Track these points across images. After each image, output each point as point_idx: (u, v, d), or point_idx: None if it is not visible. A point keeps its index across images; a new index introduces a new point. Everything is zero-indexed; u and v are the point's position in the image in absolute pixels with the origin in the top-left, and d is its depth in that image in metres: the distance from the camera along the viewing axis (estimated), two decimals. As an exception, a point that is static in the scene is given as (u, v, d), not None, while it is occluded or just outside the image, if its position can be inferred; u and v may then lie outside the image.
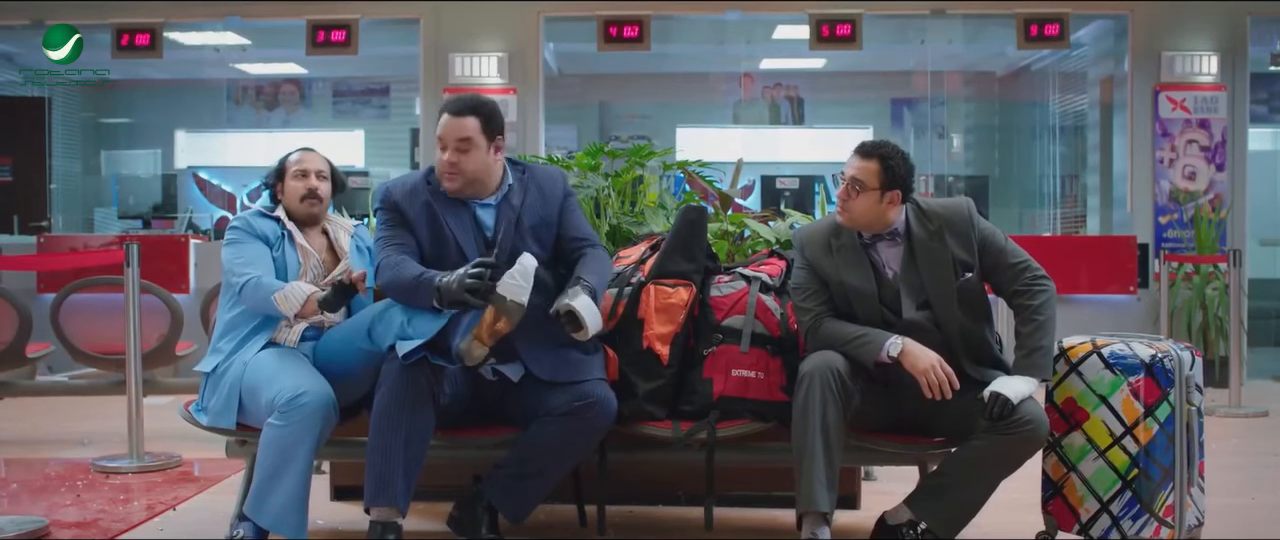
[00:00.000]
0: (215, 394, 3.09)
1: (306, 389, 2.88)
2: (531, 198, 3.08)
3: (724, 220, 3.93)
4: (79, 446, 4.72)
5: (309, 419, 2.86)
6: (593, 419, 2.91)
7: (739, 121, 9.89)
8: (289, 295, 3.04)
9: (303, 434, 2.86)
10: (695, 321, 3.13)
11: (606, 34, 7.44)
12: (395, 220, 3.05)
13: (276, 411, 2.87)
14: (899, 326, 2.97)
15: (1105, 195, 7.83)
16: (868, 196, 2.96)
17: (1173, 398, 2.83)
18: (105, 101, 10.16)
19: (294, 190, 3.29)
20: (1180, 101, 7.21)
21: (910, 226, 3.03)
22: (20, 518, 3.41)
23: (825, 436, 2.81)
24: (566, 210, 3.12)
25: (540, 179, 3.14)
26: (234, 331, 3.14)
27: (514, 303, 2.76)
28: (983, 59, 9.49)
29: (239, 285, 3.10)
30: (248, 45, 8.93)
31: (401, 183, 3.11)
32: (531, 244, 3.02)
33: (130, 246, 4.38)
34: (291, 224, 3.28)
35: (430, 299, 2.82)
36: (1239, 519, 3.51)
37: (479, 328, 2.79)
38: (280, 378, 2.93)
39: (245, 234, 3.21)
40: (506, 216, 3.05)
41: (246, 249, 3.18)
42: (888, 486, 3.66)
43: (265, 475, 2.87)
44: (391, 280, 2.93)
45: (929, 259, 2.99)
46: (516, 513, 3.02)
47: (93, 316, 5.09)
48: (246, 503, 2.92)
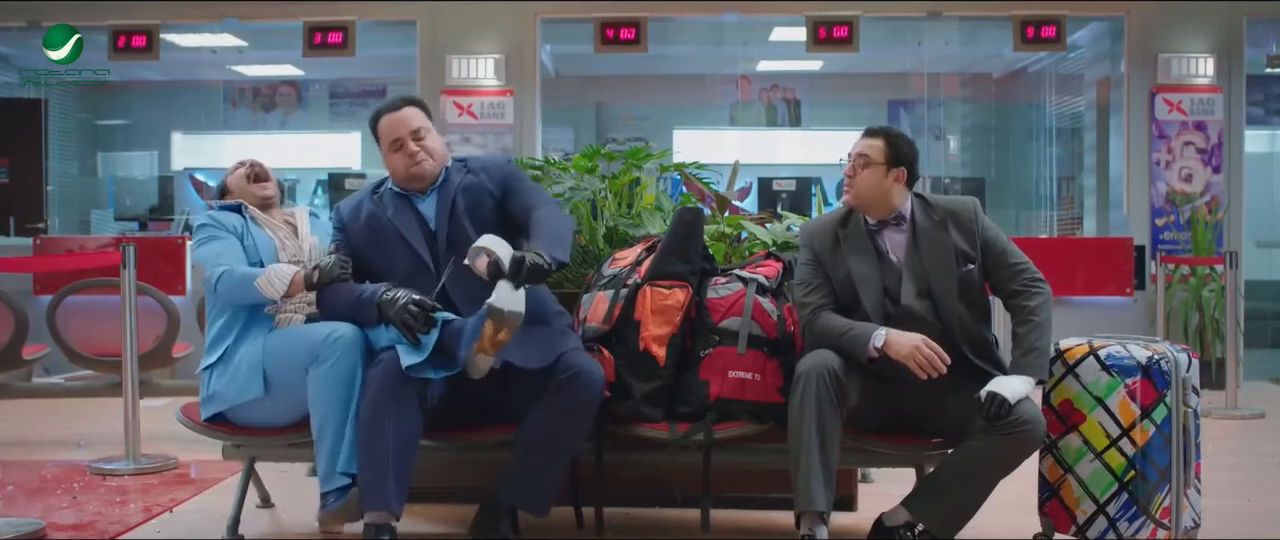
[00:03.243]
0: (231, 374, 3.07)
1: (335, 327, 2.95)
2: (466, 181, 3.16)
3: (721, 222, 3.93)
4: (75, 448, 4.71)
5: (351, 350, 2.91)
6: (582, 389, 2.90)
7: (736, 123, 9.89)
8: (273, 278, 3.05)
9: (352, 368, 2.90)
10: (692, 323, 3.12)
11: (603, 36, 7.44)
12: (339, 242, 3.20)
13: (315, 358, 2.91)
14: (896, 314, 2.98)
15: (1102, 197, 7.83)
16: (874, 171, 3.03)
17: (1169, 399, 2.84)
18: (102, 103, 10.14)
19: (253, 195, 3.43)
20: (1176, 103, 7.22)
21: (915, 215, 3.08)
22: (16, 520, 3.41)
23: (821, 435, 2.81)
24: (512, 187, 3.15)
25: (478, 166, 3.22)
26: (234, 323, 3.13)
27: (512, 313, 2.78)
28: (979, 61, 9.50)
29: (213, 280, 3.10)
30: (244, 47, 8.91)
31: (349, 201, 3.28)
32: (469, 227, 3.06)
33: (127, 248, 4.38)
34: (253, 209, 3.36)
35: (371, 314, 2.95)
36: (1235, 520, 3.52)
37: (480, 341, 2.81)
38: (305, 332, 3.01)
39: (214, 228, 3.23)
40: (443, 204, 3.13)
41: (216, 245, 3.19)
42: (885, 488, 3.66)
43: (335, 429, 2.90)
44: (333, 302, 3.05)
45: (932, 246, 3.03)
46: (537, 507, 3.01)
47: (89, 318, 5.09)
48: (322, 473, 2.92)
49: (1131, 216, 7.26)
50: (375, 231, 3.14)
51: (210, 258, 3.16)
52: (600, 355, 3.07)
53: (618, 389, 3.04)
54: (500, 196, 3.14)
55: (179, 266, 6.58)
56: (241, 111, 10.22)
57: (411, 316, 2.88)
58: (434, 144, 3.16)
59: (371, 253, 3.14)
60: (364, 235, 3.15)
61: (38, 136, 8.27)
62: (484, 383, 2.99)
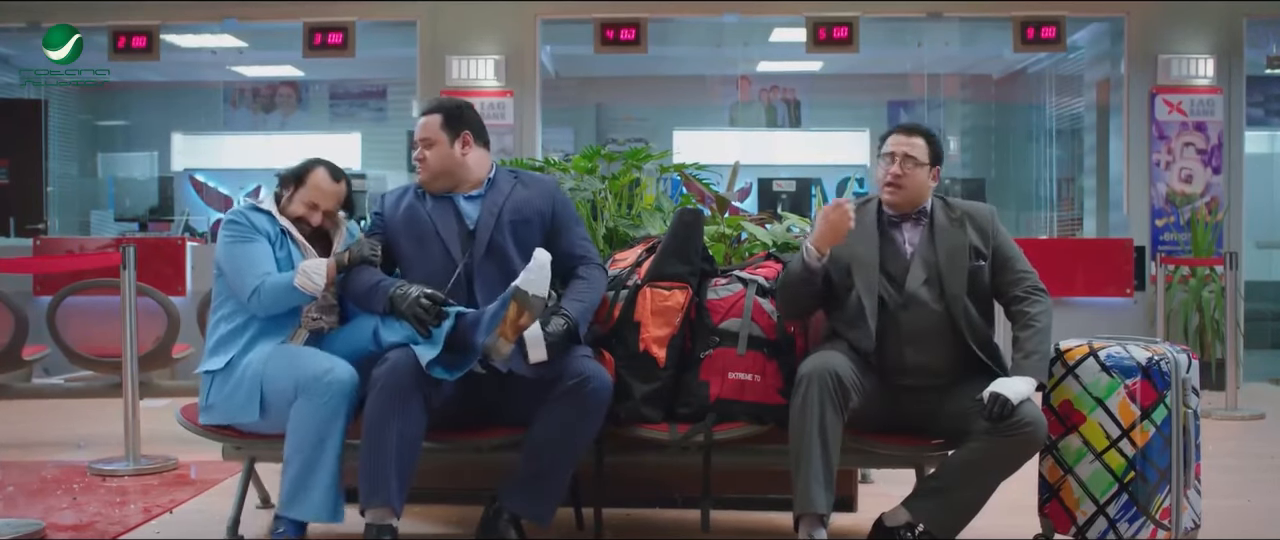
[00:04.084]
0: (231, 389, 3.04)
1: (331, 367, 2.93)
2: (517, 194, 3.20)
3: (721, 223, 3.93)
4: (75, 449, 4.71)
5: (338, 395, 2.89)
6: (590, 394, 2.90)
7: (736, 124, 9.90)
8: (310, 274, 3.03)
9: (334, 413, 2.89)
10: (692, 324, 3.13)
11: (603, 36, 7.45)
12: (375, 227, 3.25)
13: (303, 393, 2.89)
14: (901, 300, 3.01)
15: (1102, 198, 7.84)
16: (921, 171, 3.09)
17: (1169, 400, 2.84)
18: (102, 104, 10.15)
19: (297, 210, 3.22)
20: (1176, 104, 7.22)
21: (934, 212, 3.12)
22: (17, 520, 3.41)
23: (823, 437, 2.81)
24: (560, 227, 3.20)
25: (529, 181, 3.28)
26: (245, 330, 3.09)
27: (536, 297, 2.82)
28: (979, 61, 9.50)
29: (248, 294, 3.04)
30: (244, 47, 8.92)
31: (393, 192, 3.33)
32: (509, 237, 3.12)
33: (127, 249, 4.38)
34: (285, 221, 3.21)
35: (383, 305, 3.00)
36: (1235, 521, 3.51)
37: (503, 325, 2.83)
38: (302, 361, 2.97)
39: (247, 229, 3.13)
40: (490, 207, 3.16)
41: (250, 249, 3.10)
42: (885, 489, 3.66)
43: (300, 467, 2.88)
44: (350, 284, 3.11)
45: (948, 241, 3.07)
46: (541, 515, 3.01)
47: (89, 319, 5.08)
48: (282, 498, 2.91)
49: (1131, 217, 7.26)
50: (411, 224, 3.17)
51: (244, 263, 3.07)
52: (600, 357, 3.08)
53: (618, 390, 3.03)
54: (550, 220, 3.19)
55: (179, 267, 6.58)
56: (241, 112, 10.23)
57: (422, 310, 2.90)
58: (435, 156, 3.16)
59: (405, 244, 3.17)
60: (400, 227, 3.19)
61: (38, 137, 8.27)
62: (490, 386, 2.99)
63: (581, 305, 3.04)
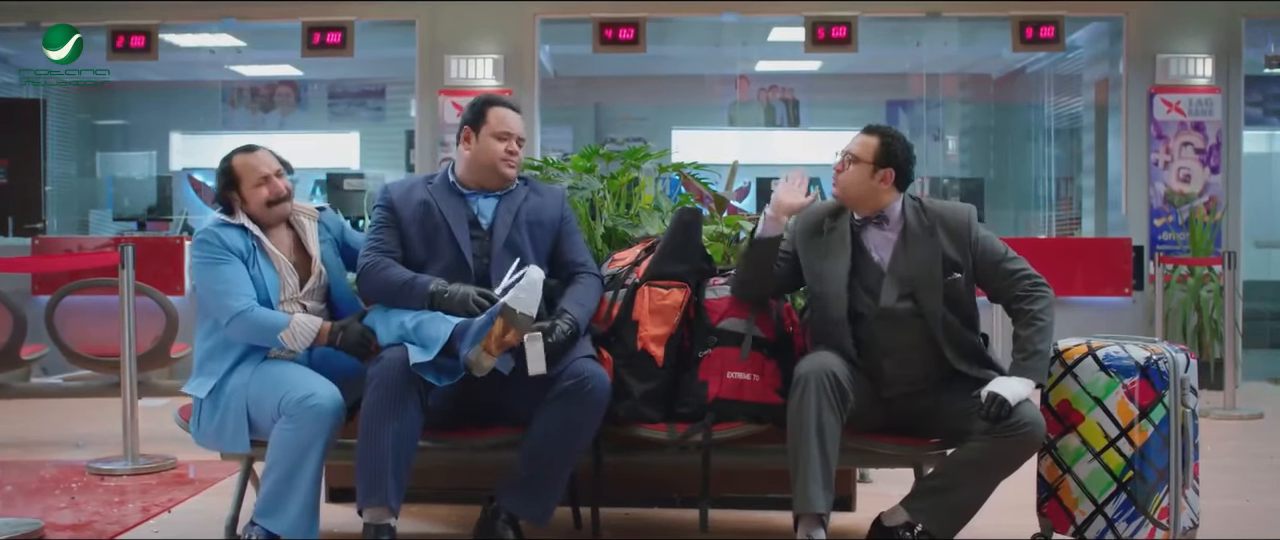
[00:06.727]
0: (220, 418, 3.03)
1: (315, 390, 2.90)
2: (532, 200, 3.24)
3: (719, 222, 3.93)
4: (74, 449, 4.71)
5: (319, 420, 2.87)
6: (588, 394, 2.90)
7: (735, 123, 9.89)
8: (298, 333, 3.01)
9: (314, 436, 2.87)
10: (690, 324, 3.13)
11: (602, 36, 7.44)
12: (387, 220, 3.19)
13: (285, 415, 2.87)
14: (877, 313, 2.99)
15: (1100, 197, 7.83)
16: (860, 169, 3.05)
17: (1168, 400, 2.84)
18: (100, 103, 10.14)
19: (258, 197, 3.15)
20: (1175, 104, 7.23)
21: (907, 217, 3.07)
22: (15, 520, 3.41)
23: (821, 437, 2.81)
24: (565, 232, 3.25)
25: (541, 188, 3.32)
26: (226, 352, 3.06)
27: (523, 315, 2.83)
28: (978, 61, 9.50)
29: (226, 320, 3.01)
30: (243, 47, 8.91)
31: (401, 183, 3.29)
32: (525, 238, 3.16)
33: (125, 248, 4.38)
34: (257, 229, 3.15)
35: (421, 302, 2.97)
36: (1234, 521, 3.52)
37: (487, 339, 2.83)
38: (287, 382, 2.94)
39: (218, 250, 3.06)
40: (508, 208, 3.18)
41: (223, 271, 3.04)
42: (883, 488, 3.66)
43: (278, 480, 2.86)
44: (378, 281, 3.08)
45: (919, 250, 3.02)
46: (539, 515, 3.01)
47: (88, 318, 5.09)
48: (258, 507, 2.91)
49: (1130, 217, 7.27)
50: (425, 218, 3.16)
51: (220, 287, 3.02)
52: (599, 355, 3.08)
53: (616, 389, 3.02)
54: (559, 226, 3.24)
55: (177, 267, 6.58)
56: (240, 112, 10.22)
57: (477, 308, 2.91)
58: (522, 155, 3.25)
59: (415, 238, 3.16)
60: (412, 219, 3.16)
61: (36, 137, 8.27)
62: (488, 386, 2.99)
63: (583, 308, 3.08)
